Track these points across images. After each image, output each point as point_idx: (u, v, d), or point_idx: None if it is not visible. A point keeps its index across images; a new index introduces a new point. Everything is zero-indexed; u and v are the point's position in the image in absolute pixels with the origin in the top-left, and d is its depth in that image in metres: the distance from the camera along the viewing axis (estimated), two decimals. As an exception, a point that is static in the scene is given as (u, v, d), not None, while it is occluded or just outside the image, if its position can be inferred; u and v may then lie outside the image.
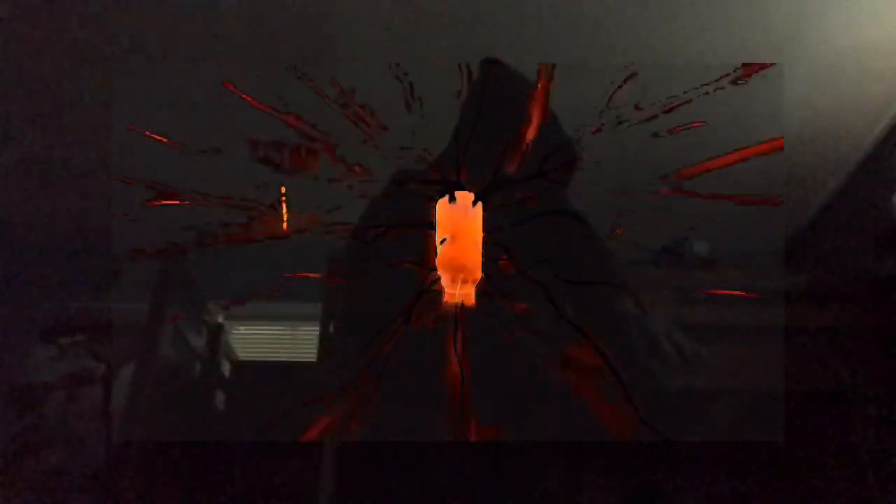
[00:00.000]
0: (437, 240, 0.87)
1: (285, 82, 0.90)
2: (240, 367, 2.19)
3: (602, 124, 0.91)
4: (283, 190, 0.89)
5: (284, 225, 0.88)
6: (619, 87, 0.95)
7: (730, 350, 1.76)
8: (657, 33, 1.82)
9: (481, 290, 0.91)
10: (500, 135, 0.92)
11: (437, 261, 0.87)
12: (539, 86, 0.89)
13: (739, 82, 1.00)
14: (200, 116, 1.82)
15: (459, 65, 0.87)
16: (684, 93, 1.00)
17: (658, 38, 1.83)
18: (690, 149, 1.05)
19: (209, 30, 1.81)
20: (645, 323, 1.29)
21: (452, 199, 0.88)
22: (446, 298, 0.88)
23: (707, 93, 1.00)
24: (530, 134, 0.91)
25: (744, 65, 1.03)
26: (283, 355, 2.65)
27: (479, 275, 0.89)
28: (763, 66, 1.04)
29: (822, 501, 1.73)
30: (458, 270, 0.88)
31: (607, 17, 1.78)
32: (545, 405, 1.26)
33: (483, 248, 0.90)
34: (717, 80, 1.01)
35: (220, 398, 2.06)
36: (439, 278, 0.88)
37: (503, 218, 0.90)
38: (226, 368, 2.15)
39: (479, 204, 0.88)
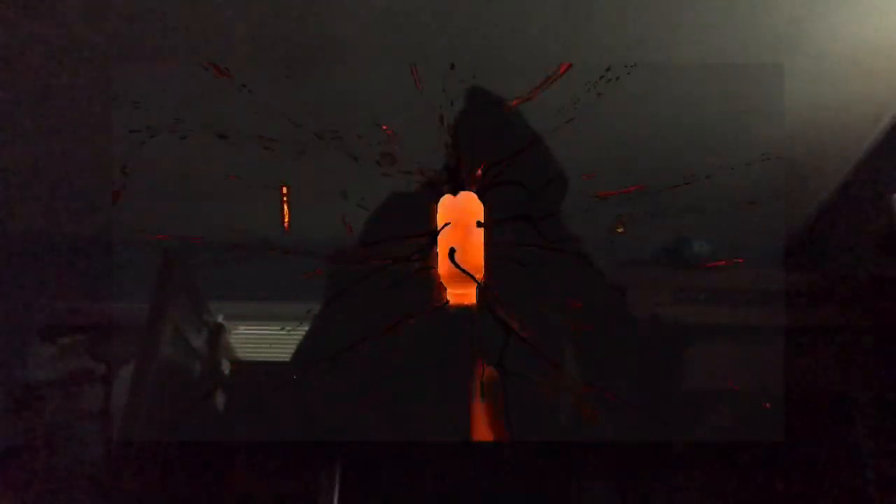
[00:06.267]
0: (439, 229, 0.87)
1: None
2: (240, 367, 2.19)
3: None
4: (285, 190, 0.89)
5: (286, 225, 0.88)
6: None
7: (730, 350, 1.76)
8: (657, 33, 1.82)
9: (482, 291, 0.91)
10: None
11: (440, 262, 0.87)
12: None
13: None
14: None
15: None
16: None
17: (658, 37, 1.83)
18: (693, 149, 1.05)
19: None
20: None
21: (455, 192, 0.88)
22: (450, 299, 0.88)
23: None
24: None
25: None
26: (283, 355, 2.64)
27: (481, 275, 0.89)
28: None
29: (822, 501, 1.73)
30: (459, 271, 0.88)
31: (607, 16, 1.77)
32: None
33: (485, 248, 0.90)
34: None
35: (220, 398, 2.06)
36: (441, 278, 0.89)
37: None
38: (226, 368, 2.15)
39: (481, 203, 0.88)
